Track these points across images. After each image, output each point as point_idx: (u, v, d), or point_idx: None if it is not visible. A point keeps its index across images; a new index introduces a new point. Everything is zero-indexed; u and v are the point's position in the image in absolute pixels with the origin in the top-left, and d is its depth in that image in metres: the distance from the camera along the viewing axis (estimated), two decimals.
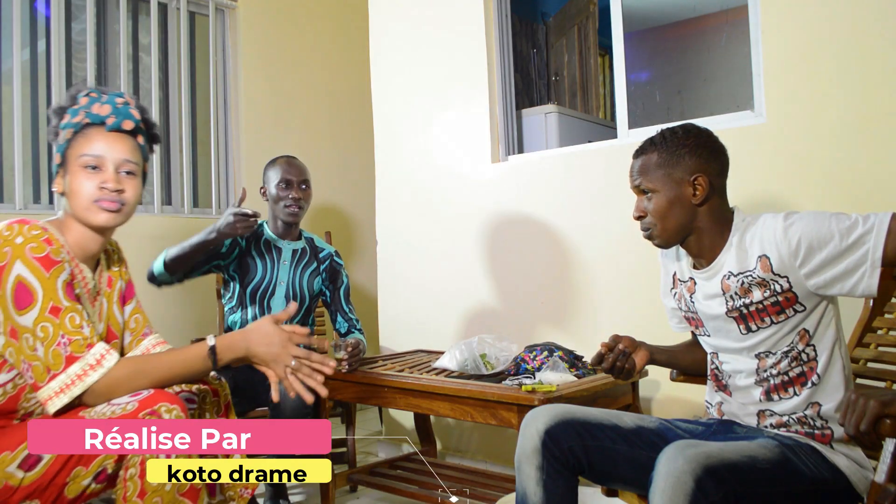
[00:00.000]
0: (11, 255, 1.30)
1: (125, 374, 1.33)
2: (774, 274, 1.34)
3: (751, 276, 1.37)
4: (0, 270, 1.29)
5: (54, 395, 1.28)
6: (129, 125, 1.45)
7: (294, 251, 2.48)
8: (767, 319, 1.37)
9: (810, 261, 1.29)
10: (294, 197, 2.40)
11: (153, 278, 2.31)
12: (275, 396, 1.43)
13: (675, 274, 1.59)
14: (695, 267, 1.51)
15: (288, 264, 2.45)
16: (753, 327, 1.39)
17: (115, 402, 1.32)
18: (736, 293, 1.40)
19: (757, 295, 1.37)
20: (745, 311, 1.39)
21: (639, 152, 1.50)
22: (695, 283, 1.50)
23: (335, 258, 2.55)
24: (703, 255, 1.47)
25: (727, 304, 1.42)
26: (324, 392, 1.44)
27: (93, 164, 1.41)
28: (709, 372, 1.55)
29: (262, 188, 2.50)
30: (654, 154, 1.46)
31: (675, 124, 1.51)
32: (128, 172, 1.45)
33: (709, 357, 1.55)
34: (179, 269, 2.28)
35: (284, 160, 2.48)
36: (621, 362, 1.49)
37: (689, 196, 1.42)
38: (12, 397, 1.37)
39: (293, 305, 1.55)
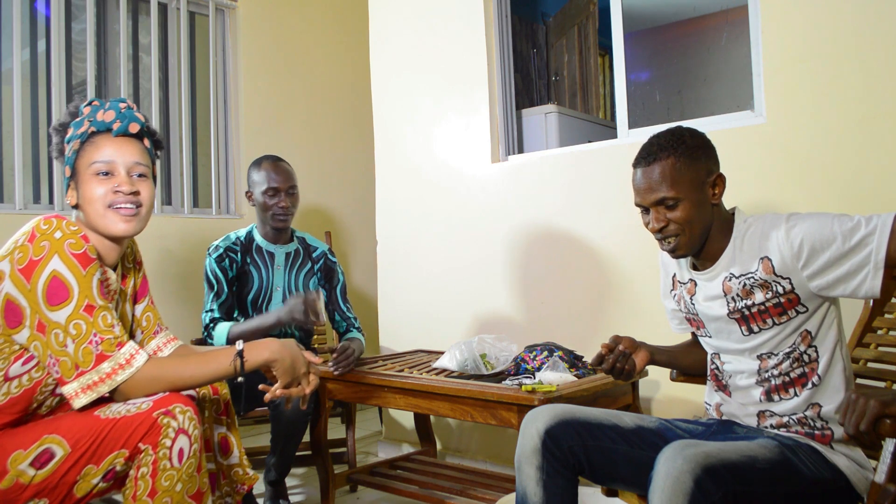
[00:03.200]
0: (49, 249, 1.30)
1: (152, 375, 1.34)
2: (777, 276, 1.33)
3: (753, 277, 1.37)
4: (35, 264, 1.29)
5: (81, 392, 1.29)
6: (135, 128, 1.45)
7: (287, 254, 2.46)
8: (769, 321, 1.37)
9: (813, 262, 1.29)
10: (282, 205, 2.37)
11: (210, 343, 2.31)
12: (268, 397, 1.51)
13: (674, 276, 1.58)
14: (694, 268, 1.51)
15: (282, 269, 2.43)
16: (755, 329, 1.39)
17: (131, 401, 1.33)
18: (738, 295, 1.39)
19: (759, 296, 1.36)
20: (746, 312, 1.39)
21: (650, 160, 1.41)
22: (695, 285, 1.50)
23: (329, 256, 2.53)
24: (707, 257, 1.46)
25: (728, 306, 1.42)
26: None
27: (105, 171, 1.41)
28: (709, 372, 1.55)
29: (247, 192, 2.45)
30: (671, 159, 1.38)
31: (667, 127, 1.47)
32: (140, 175, 1.45)
33: (709, 357, 1.54)
34: None
35: (270, 164, 2.41)
36: (621, 363, 1.49)
37: (710, 197, 1.41)
38: (28, 390, 1.37)
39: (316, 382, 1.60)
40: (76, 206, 1.46)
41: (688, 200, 1.38)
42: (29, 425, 1.36)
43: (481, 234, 2.84)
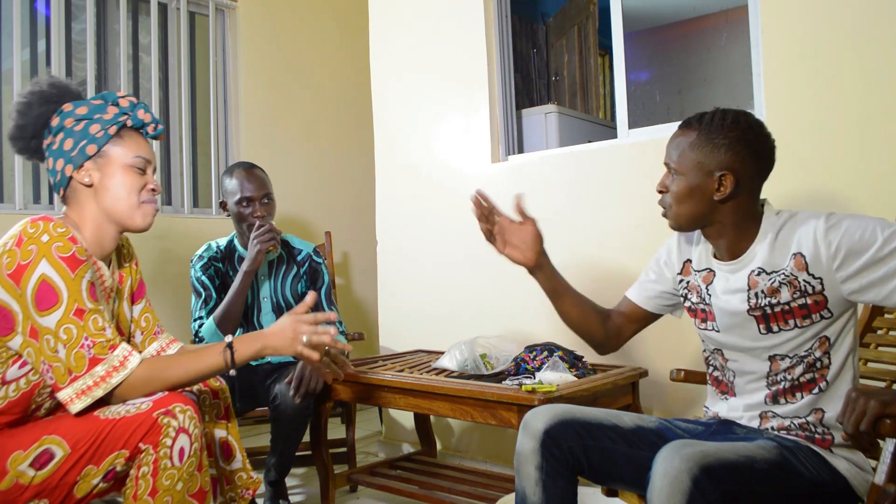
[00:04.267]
0: (37, 253, 1.29)
1: (146, 376, 1.34)
2: (808, 273, 1.29)
3: (782, 273, 1.32)
4: (23, 269, 1.29)
5: (76, 397, 1.29)
6: (162, 136, 1.55)
7: (270, 263, 2.41)
8: (791, 322, 1.33)
9: (849, 265, 1.25)
10: (258, 216, 2.29)
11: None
12: (340, 375, 1.58)
13: (688, 261, 1.52)
14: (716, 257, 1.45)
15: (267, 278, 2.40)
16: (775, 328, 1.35)
17: (130, 402, 1.33)
18: (763, 291, 1.34)
19: (785, 295, 1.32)
20: (769, 310, 1.34)
21: (685, 125, 1.41)
22: (714, 275, 1.44)
23: (314, 257, 2.47)
24: (728, 248, 1.41)
25: (750, 302, 1.36)
26: (340, 376, 1.61)
27: (142, 167, 1.48)
28: (708, 376, 1.53)
29: (221, 202, 2.37)
30: (694, 134, 1.37)
31: (733, 108, 1.40)
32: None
33: (707, 356, 1.52)
34: (233, 326, 2.23)
35: (242, 172, 2.33)
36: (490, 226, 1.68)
37: (712, 190, 1.35)
38: (25, 394, 1.37)
39: (311, 297, 1.53)
40: (90, 186, 1.43)
41: (685, 179, 1.37)
42: (28, 426, 1.36)
43: (481, 234, 2.84)
